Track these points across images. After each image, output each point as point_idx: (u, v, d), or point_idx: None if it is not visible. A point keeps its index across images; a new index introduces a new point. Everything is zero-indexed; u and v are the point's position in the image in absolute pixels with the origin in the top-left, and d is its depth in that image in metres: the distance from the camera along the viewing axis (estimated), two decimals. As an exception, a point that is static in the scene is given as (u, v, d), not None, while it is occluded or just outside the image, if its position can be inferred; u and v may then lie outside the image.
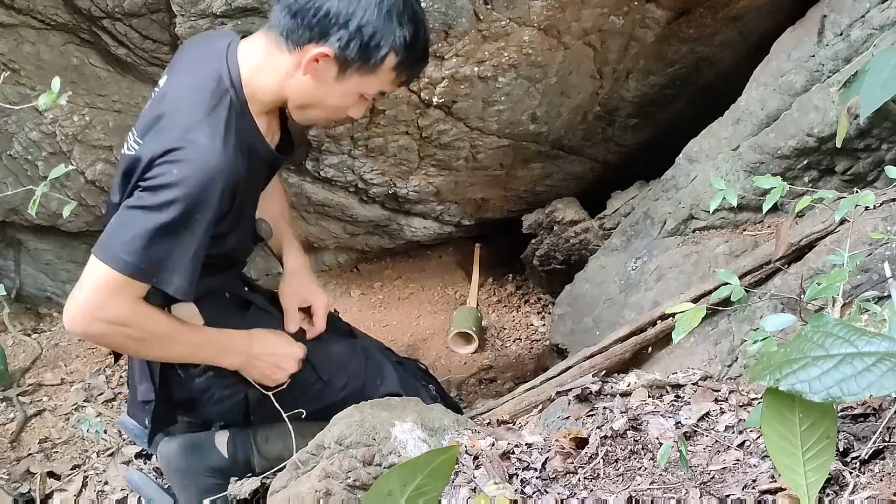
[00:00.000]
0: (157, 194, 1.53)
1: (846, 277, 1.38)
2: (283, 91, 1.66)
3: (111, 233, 1.56)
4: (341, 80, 1.63)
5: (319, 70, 1.60)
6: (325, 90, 1.65)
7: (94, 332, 1.60)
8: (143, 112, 1.73)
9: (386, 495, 0.98)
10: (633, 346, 1.91)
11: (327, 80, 1.62)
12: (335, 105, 1.71)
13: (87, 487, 2.26)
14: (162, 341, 1.68)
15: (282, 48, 1.62)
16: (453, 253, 3.18)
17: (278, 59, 1.63)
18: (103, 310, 1.56)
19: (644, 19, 2.21)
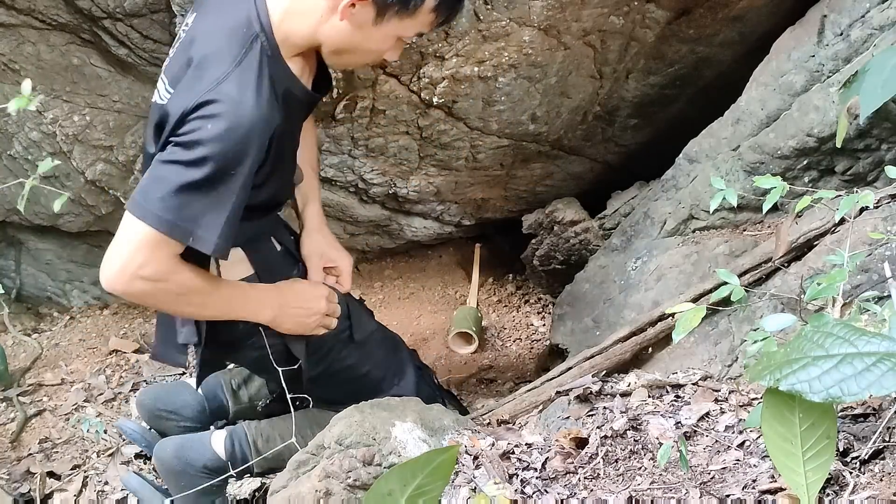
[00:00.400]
0: (191, 151, 1.49)
1: (846, 277, 1.38)
2: (317, 36, 1.62)
3: (146, 189, 1.52)
4: (379, 25, 1.59)
5: (356, 15, 1.56)
6: (363, 35, 1.61)
7: (134, 290, 1.57)
8: (172, 55, 1.68)
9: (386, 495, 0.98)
10: (634, 346, 1.91)
11: (365, 24, 1.58)
12: (372, 49, 1.68)
13: (87, 487, 2.26)
14: (199, 298, 1.66)
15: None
16: (453, 253, 3.18)
17: (310, 3, 1.58)
18: (142, 267, 1.54)
19: (644, 19, 2.21)
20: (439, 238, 2.95)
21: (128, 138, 2.45)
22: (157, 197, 1.50)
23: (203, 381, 1.93)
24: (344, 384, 1.94)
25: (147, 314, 2.93)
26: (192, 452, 1.94)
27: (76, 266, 2.90)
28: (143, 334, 2.84)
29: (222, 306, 1.71)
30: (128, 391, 2.58)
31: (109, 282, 1.57)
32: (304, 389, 1.87)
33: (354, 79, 2.13)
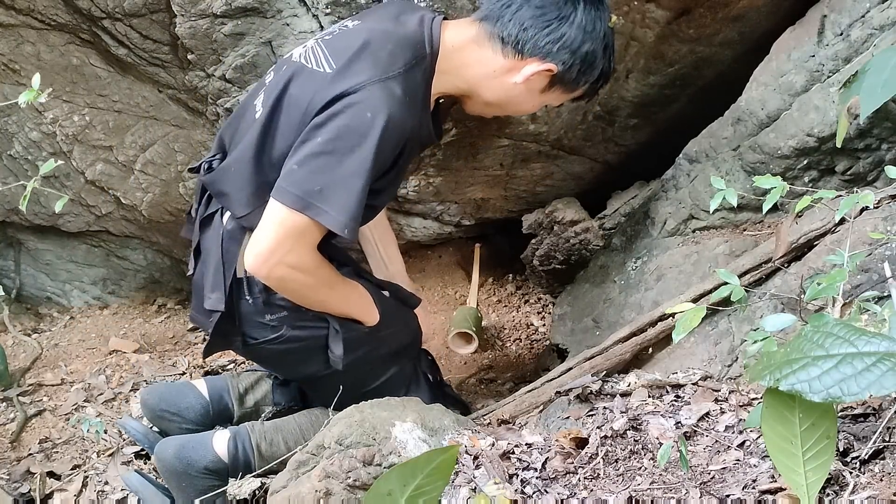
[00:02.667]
0: (348, 136, 1.60)
1: (846, 277, 1.38)
2: (478, 85, 1.80)
3: (299, 179, 1.61)
4: (545, 92, 1.82)
5: (532, 81, 1.77)
6: (526, 97, 1.82)
7: (277, 275, 1.67)
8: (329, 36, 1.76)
9: (386, 495, 0.98)
10: (634, 346, 1.91)
11: (533, 90, 1.80)
12: (524, 109, 1.95)
13: (87, 487, 2.25)
14: (328, 290, 1.78)
15: (496, 48, 1.76)
16: (453, 253, 3.18)
17: (488, 56, 1.76)
18: (289, 254, 1.64)
19: (644, 19, 2.21)
20: (439, 238, 2.95)
21: (128, 138, 2.45)
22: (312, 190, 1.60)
23: (210, 352, 1.94)
24: (360, 386, 1.96)
25: (147, 314, 2.93)
26: (193, 453, 1.94)
27: (76, 266, 2.90)
28: (143, 334, 2.84)
29: (343, 303, 1.83)
30: (128, 391, 2.58)
31: (257, 265, 1.66)
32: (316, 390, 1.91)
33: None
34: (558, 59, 1.75)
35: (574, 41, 1.75)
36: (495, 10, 1.77)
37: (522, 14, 1.74)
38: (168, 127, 2.46)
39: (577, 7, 1.75)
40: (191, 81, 2.27)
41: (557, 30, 1.73)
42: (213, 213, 1.86)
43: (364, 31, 1.74)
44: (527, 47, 1.75)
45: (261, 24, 2.10)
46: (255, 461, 1.94)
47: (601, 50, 1.79)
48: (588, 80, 1.82)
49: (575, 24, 1.74)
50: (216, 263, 1.82)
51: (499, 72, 1.77)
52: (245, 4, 2.04)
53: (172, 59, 2.24)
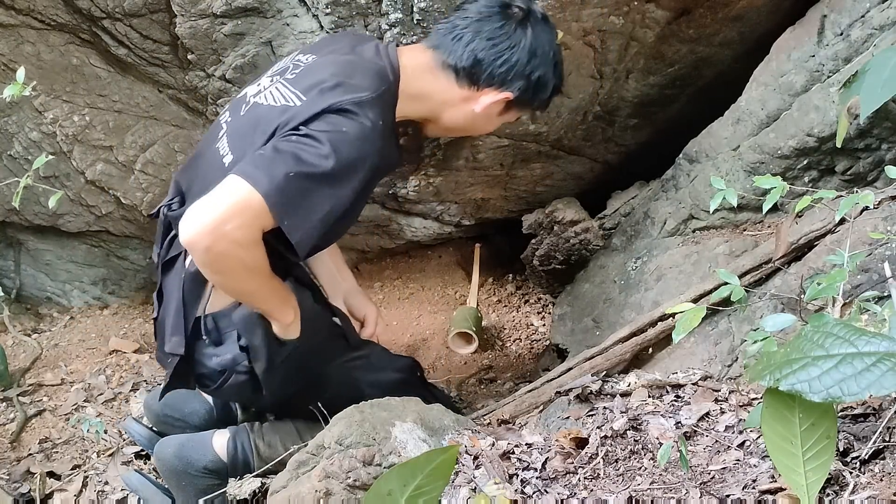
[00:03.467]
0: (319, 145, 1.58)
1: (846, 277, 1.38)
2: (438, 111, 1.85)
3: (259, 163, 1.57)
4: (502, 115, 1.89)
5: (490, 108, 1.83)
6: (485, 122, 1.90)
7: (218, 249, 1.56)
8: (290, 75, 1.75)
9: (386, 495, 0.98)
10: (634, 346, 1.91)
11: (492, 115, 1.87)
12: (482, 132, 2.03)
13: (87, 487, 2.26)
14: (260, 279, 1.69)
15: (450, 78, 1.80)
16: (453, 253, 3.18)
17: (443, 86, 1.81)
18: (235, 229, 1.54)
19: (644, 19, 2.21)
20: (439, 238, 2.95)
21: (128, 138, 2.45)
22: (270, 171, 1.55)
23: (167, 393, 1.92)
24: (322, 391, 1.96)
25: (146, 314, 2.93)
26: (193, 453, 1.94)
27: (76, 266, 2.90)
28: (144, 334, 2.84)
29: (268, 296, 1.75)
30: (128, 391, 2.58)
31: (196, 235, 1.54)
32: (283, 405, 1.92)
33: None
34: (514, 86, 1.80)
35: (527, 67, 1.79)
36: (447, 41, 1.79)
37: (475, 46, 1.77)
38: (168, 127, 2.46)
39: (525, 33, 1.78)
40: (191, 81, 2.27)
41: (510, 59, 1.78)
42: (175, 256, 1.85)
43: (326, 63, 1.74)
44: (482, 78, 1.79)
45: (261, 24, 2.10)
46: (254, 461, 1.94)
47: (552, 70, 1.84)
48: (542, 97, 1.88)
49: (526, 50, 1.78)
50: (177, 306, 1.81)
51: (457, 100, 1.82)
52: (245, 4, 2.04)
53: (172, 59, 2.24)
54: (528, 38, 1.78)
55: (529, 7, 1.82)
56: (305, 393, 1.92)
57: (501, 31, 1.77)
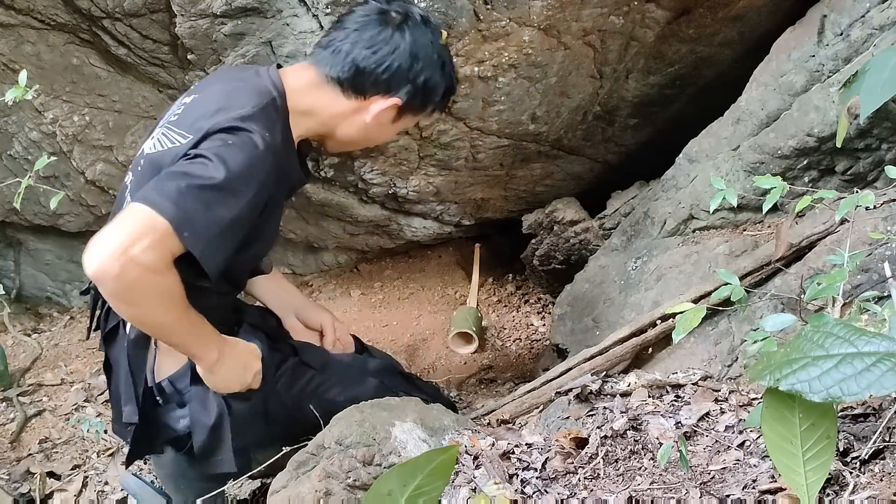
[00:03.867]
0: (206, 161, 1.54)
1: (846, 277, 1.38)
2: (332, 126, 1.81)
3: (153, 187, 1.53)
4: (396, 122, 1.85)
5: (381, 116, 1.79)
6: (379, 130, 1.85)
7: (128, 276, 1.45)
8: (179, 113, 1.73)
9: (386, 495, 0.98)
10: (634, 346, 1.91)
11: (385, 123, 1.83)
12: (382, 140, 1.97)
13: (87, 487, 2.26)
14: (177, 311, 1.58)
15: (336, 91, 1.76)
16: (453, 253, 3.18)
17: (330, 99, 1.77)
18: (142, 252, 1.46)
19: (644, 19, 2.21)
20: (439, 238, 2.95)
21: (128, 138, 2.45)
22: (164, 190, 1.50)
23: (131, 462, 1.89)
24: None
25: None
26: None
27: (76, 266, 2.90)
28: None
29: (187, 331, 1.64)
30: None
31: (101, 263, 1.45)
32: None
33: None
34: (400, 92, 1.77)
35: (410, 72, 1.76)
36: (327, 55, 1.77)
37: (355, 55, 1.74)
38: (168, 127, 2.46)
39: (404, 37, 1.75)
40: (191, 81, 2.27)
41: (392, 65, 1.75)
42: (115, 326, 1.83)
43: (205, 99, 1.72)
44: (367, 87, 1.76)
45: (261, 24, 2.10)
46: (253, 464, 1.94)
47: (438, 71, 1.80)
48: (435, 100, 1.85)
49: (407, 54, 1.75)
50: (126, 375, 1.80)
51: (347, 113, 1.79)
52: (245, 4, 2.04)
53: (172, 59, 2.24)
54: (406, 42, 1.75)
55: (407, 11, 1.79)
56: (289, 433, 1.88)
57: (379, 37, 1.75)
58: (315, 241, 2.88)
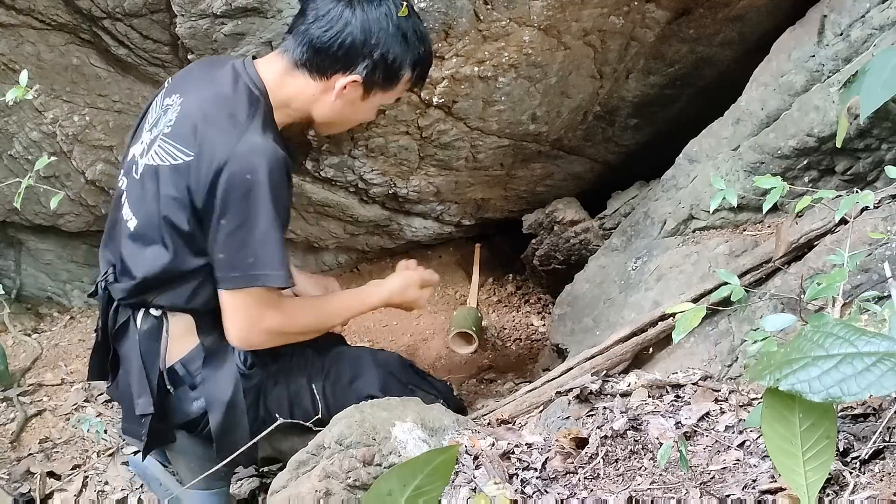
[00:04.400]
0: (245, 203, 1.68)
1: (846, 277, 1.38)
2: (308, 110, 1.87)
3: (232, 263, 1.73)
4: (366, 99, 1.87)
5: (347, 94, 1.83)
6: (352, 109, 1.88)
7: (262, 340, 1.83)
8: (167, 129, 1.81)
9: (386, 495, 0.98)
10: (634, 346, 1.91)
11: (354, 100, 1.86)
12: (358, 119, 1.99)
13: (87, 487, 2.26)
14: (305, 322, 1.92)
15: (304, 75, 1.81)
16: (453, 253, 3.18)
17: (302, 84, 1.82)
18: (260, 322, 1.79)
19: (644, 19, 2.21)
20: (439, 238, 2.95)
21: (128, 138, 2.45)
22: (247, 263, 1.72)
23: (147, 453, 1.96)
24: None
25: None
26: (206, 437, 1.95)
27: (76, 266, 2.90)
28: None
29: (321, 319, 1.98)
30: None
31: (249, 344, 1.83)
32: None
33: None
34: (358, 68, 1.80)
35: (364, 47, 1.78)
36: (290, 40, 1.83)
37: (311, 35, 1.78)
38: (168, 127, 2.46)
39: (354, 12, 1.77)
40: (191, 81, 2.27)
41: (345, 41, 1.77)
42: (124, 323, 1.89)
43: (194, 107, 1.79)
44: (326, 67, 1.80)
45: (261, 24, 2.10)
46: (259, 452, 1.96)
47: (398, 44, 1.80)
48: (402, 74, 1.85)
49: (359, 29, 1.76)
50: (138, 368, 1.85)
51: (316, 94, 1.83)
52: (245, 4, 2.04)
53: (172, 59, 2.24)
54: (357, 18, 1.76)
55: None
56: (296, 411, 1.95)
57: (330, 14, 1.76)
58: (315, 241, 2.88)
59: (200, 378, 1.86)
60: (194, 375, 1.86)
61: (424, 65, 1.89)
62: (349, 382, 1.98)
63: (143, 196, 1.81)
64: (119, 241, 1.89)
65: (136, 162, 1.86)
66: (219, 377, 1.85)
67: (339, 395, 1.95)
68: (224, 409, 1.84)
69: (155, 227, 1.78)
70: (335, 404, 1.89)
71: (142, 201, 1.82)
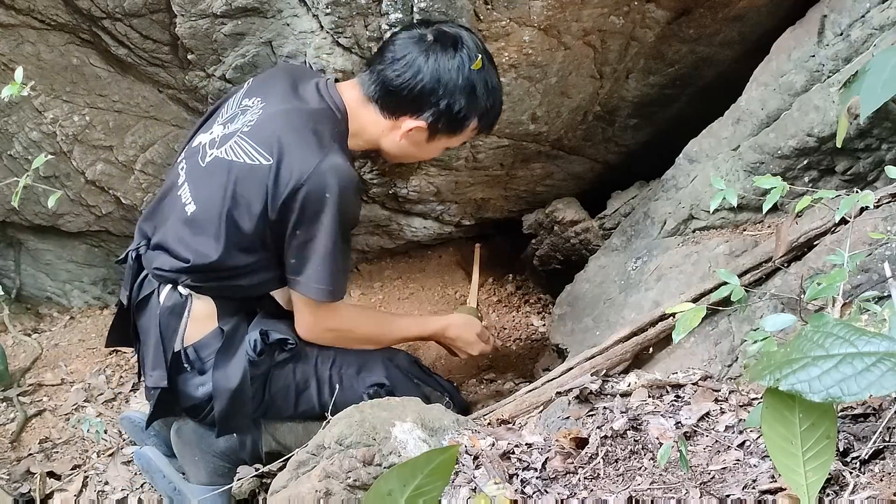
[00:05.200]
0: (317, 219, 1.79)
1: (846, 277, 1.38)
2: (377, 142, 1.97)
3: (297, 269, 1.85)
4: (431, 142, 1.97)
5: (412, 136, 1.93)
6: (417, 148, 1.99)
7: (328, 338, 2.00)
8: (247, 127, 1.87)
9: (386, 495, 0.98)
10: (634, 346, 1.91)
11: (420, 142, 1.95)
12: (424, 157, 2.13)
13: (87, 487, 2.26)
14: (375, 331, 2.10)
15: (375, 110, 1.92)
16: (453, 253, 3.18)
17: (374, 117, 1.93)
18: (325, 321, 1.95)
19: (644, 19, 2.21)
20: (439, 238, 2.95)
21: (128, 138, 2.45)
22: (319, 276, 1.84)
23: (152, 422, 2.02)
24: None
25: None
26: (210, 430, 1.97)
27: (76, 266, 2.90)
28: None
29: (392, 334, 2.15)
30: (128, 391, 2.59)
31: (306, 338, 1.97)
32: None
33: (354, 79, 2.14)
34: (425, 115, 1.89)
35: (433, 96, 1.87)
36: (366, 75, 1.92)
37: (385, 76, 1.87)
38: (168, 127, 2.46)
39: (428, 61, 1.85)
40: (191, 81, 2.27)
41: (414, 89, 1.86)
42: (148, 295, 1.94)
43: (278, 115, 1.85)
44: (394, 108, 1.89)
45: (261, 24, 2.10)
46: (262, 447, 1.97)
47: (465, 97, 1.88)
48: (467, 124, 1.94)
49: (429, 79, 1.85)
50: (156, 341, 1.90)
51: (385, 131, 1.94)
52: (245, 4, 2.04)
53: (172, 59, 2.24)
54: (429, 67, 1.85)
55: (440, 35, 1.87)
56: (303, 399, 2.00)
57: (406, 60, 1.85)
58: (315, 241, 2.88)
59: (210, 364, 1.89)
60: (204, 361, 1.90)
61: (491, 116, 1.99)
62: (356, 372, 2.03)
63: (208, 185, 1.86)
64: (167, 219, 1.93)
65: (204, 150, 1.91)
66: (229, 363, 1.89)
67: (346, 384, 2.00)
68: (230, 395, 1.88)
69: (213, 220, 1.83)
70: (342, 392, 1.95)
71: (205, 190, 1.86)
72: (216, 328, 1.91)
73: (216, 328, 1.91)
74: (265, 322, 1.94)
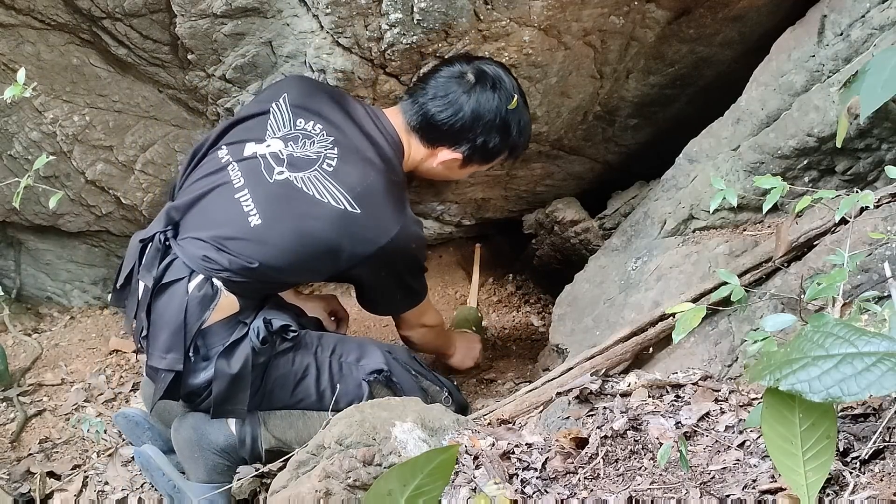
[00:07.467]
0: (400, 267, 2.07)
1: (846, 277, 1.38)
2: (415, 166, 2.16)
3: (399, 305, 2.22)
4: (463, 169, 2.19)
5: (447, 164, 2.14)
6: (449, 173, 2.21)
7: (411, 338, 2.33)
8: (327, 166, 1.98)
9: (386, 495, 0.98)
10: (634, 346, 1.91)
11: (452, 168, 2.17)
12: (453, 179, 2.36)
13: (87, 487, 2.26)
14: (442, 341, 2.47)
15: (415, 139, 2.10)
16: (453, 253, 3.18)
17: (416, 146, 2.11)
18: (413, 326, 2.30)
19: (644, 19, 2.21)
20: (439, 238, 2.95)
21: (128, 138, 2.45)
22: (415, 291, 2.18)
23: (155, 405, 2.03)
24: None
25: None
26: (209, 426, 1.98)
27: (76, 266, 2.90)
28: (143, 334, 2.83)
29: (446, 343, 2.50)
30: (128, 391, 2.58)
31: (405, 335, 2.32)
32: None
33: (355, 78, 2.13)
34: (461, 148, 2.09)
35: (471, 132, 2.06)
36: (408, 104, 2.08)
37: (428, 109, 2.04)
38: (168, 127, 2.46)
39: (469, 99, 2.03)
40: (191, 81, 2.27)
41: (454, 125, 2.05)
42: (173, 281, 1.93)
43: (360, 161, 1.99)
44: (435, 140, 2.08)
45: (261, 24, 2.10)
46: (262, 445, 1.97)
47: (499, 135, 2.09)
48: (498, 156, 2.16)
49: (469, 116, 2.04)
50: (177, 326, 1.90)
51: (423, 157, 2.13)
52: (245, 4, 2.04)
53: (172, 59, 2.24)
54: (469, 105, 2.03)
55: (481, 75, 2.03)
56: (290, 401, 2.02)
57: (448, 97, 2.03)
58: (315, 241, 2.87)
59: (215, 351, 1.91)
60: (210, 348, 1.92)
61: (520, 150, 2.21)
62: (356, 360, 2.05)
63: (281, 207, 1.93)
64: (217, 218, 1.95)
65: (268, 163, 1.97)
66: (234, 351, 1.92)
67: (346, 371, 2.03)
68: (230, 379, 1.91)
69: (279, 242, 1.91)
70: (342, 380, 2.00)
71: (277, 210, 1.93)
72: (230, 319, 1.93)
73: (230, 319, 1.93)
74: (270, 312, 1.96)
